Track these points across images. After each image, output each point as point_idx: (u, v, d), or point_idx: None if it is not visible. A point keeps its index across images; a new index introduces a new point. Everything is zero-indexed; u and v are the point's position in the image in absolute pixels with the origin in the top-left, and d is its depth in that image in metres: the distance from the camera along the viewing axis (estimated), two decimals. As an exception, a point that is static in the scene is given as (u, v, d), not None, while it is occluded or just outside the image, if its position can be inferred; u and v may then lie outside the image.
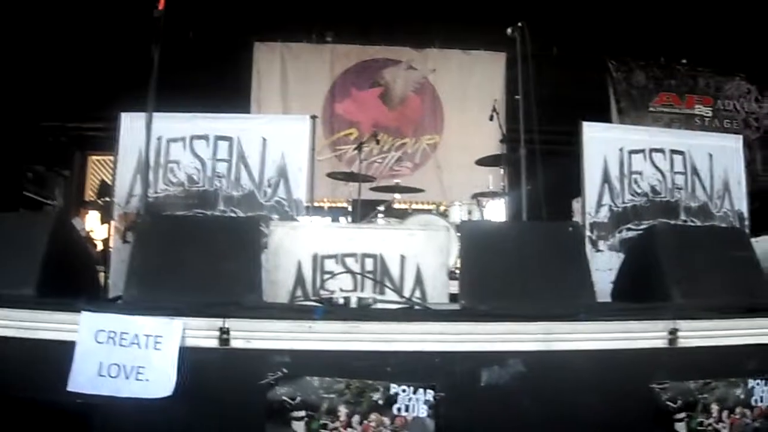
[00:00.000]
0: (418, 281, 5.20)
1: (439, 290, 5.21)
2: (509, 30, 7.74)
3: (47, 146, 13.81)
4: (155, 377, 4.12)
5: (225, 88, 12.46)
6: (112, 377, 4.14)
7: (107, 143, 8.96)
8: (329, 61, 14.13)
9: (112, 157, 7.98)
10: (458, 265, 6.11)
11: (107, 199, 9.18)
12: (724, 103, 14.63)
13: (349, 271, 5.16)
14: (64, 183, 14.25)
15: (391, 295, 5.08)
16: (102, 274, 7.44)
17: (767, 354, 4.72)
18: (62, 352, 4.12)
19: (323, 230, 5.56)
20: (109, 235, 7.86)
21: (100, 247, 10.74)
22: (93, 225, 12.58)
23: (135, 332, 4.22)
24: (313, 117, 8.18)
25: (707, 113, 14.51)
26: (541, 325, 4.46)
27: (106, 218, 9.32)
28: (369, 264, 5.22)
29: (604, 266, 7.65)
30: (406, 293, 5.14)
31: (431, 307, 4.89)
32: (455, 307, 4.86)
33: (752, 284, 5.31)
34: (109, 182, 8.51)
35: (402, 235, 5.35)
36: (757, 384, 4.63)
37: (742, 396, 4.60)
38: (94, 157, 14.91)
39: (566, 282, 5.05)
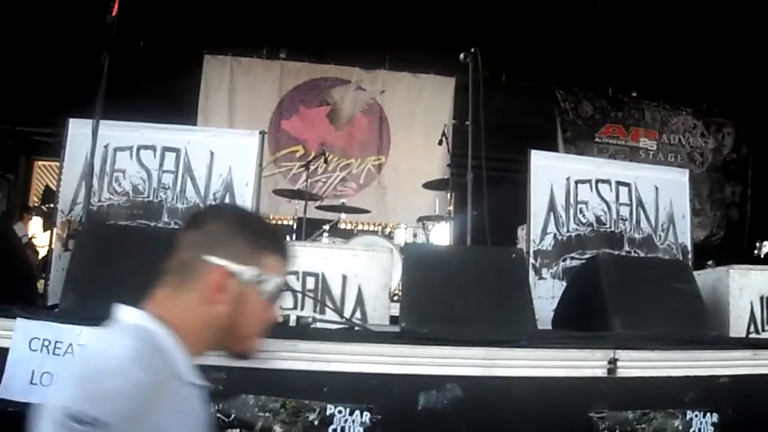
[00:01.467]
0: (359, 302, 5.16)
1: (380, 312, 5.18)
2: (462, 55, 7.75)
3: (-7, 149, 13.68)
4: (88, 388, 4.06)
5: (173, 98, 12.35)
6: (44, 386, 4.09)
7: (54, 149, 8.87)
8: (278, 77, 14.06)
9: (57, 163, 7.87)
10: (400, 288, 6.10)
11: (51, 205, 9.05)
12: (670, 137, 14.81)
13: (289, 288, 5.12)
14: (8, 187, 14.08)
15: (331, 314, 5.05)
16: (42, 282, 7.36)
17: (706, 386, 4.77)
18: (-4, 358, 4.06)
19: (265, 246, 5.50)
20: (51, 242, 7.72)
21: (41, 253, 10.62)
22: (36, 231, 12.45)
23: (70, 341, 4.17)
24: (263, 132, 8.11)
25: (652, 147, 14.68)
26: (480, 350, 4.47)
27: (49, 225, 9.19)
28: (310, 282, 5.17)
29: (547, 294, 7.67)
30: (347, 314, 5.10)
31: (371, 329, 4.87)
32: (395, 329, 4.85)
33: (693, 316, 5.37)
34: (54, 188, 8.39)
35: (345, 255, 5.31)
36: (695, 416, 4.67)
37: (680, 427, 4.63)
38: (40, 162, 14.72)
39: (508, 308, 5.07)
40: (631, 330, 5.00)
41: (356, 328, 4.91)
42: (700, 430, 4.66)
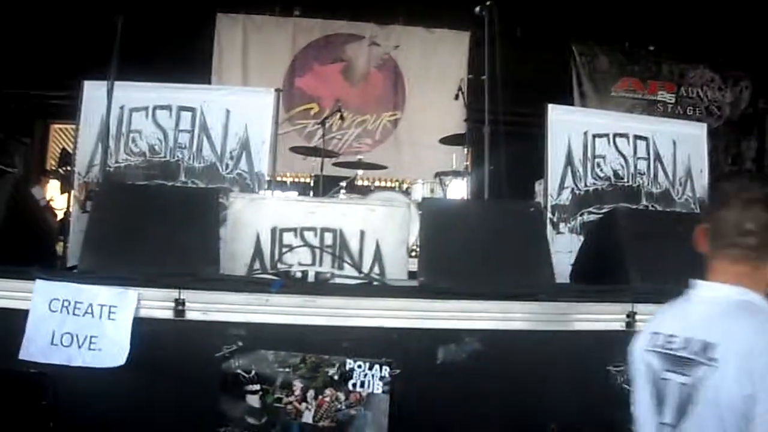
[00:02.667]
0: (377, 257, 5.17)
1: (398, 267, 5.19)
2: (477, 9, 7.67)
3: (9, 114, 13.64)
4: (108, 347, 4.09)
5: (187, 58, 12.25)
6: (64, 346, 4.11)
7: (70, 112, 8.80)
8: (292, 34, 13.89)
9: (74, 126, 7.88)
10: (418, 244, 6.07)
11: (68, 168, 9.05)
12: (688, 90, 14.63)
13: (307, 245, 5.13)
14: (25, 151, 14.09)
15: (349, 270, 5.06)
16: (61, 244, 7.38)
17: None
18: (17, 321, 4.07)
19: (283, 203, 5.50)
20: (69, 204, 7.73)
21: (60, 216, 10.65)
22: (53, 194, 12.47)
23: (89, 302, 4.18)
24: (278, 90, 8.10)
25: (670, 100, 14.50)
26: (499, 304, 4.46)
27: (66, 187, 9.18)
28: (328, 238, 5.18)
29: (565, 248, 7.65)
30: (365, 269, 5.11)
31: (390, 283, 4.87)
32: (414, 283, 4.85)
33: (711, 270, 5.32)
34: (71, 151, 8.40)
35: (362, 211, 5.32)
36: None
37: (699, 380, 4.61)
38: (57, 126, 14.73)
39: (526, 261, 5.05)
40: (650, 284, 4.97)
41: (375, 283, 4.91)
42: (718, 381, 4.66)
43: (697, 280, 2.63)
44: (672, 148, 8.35)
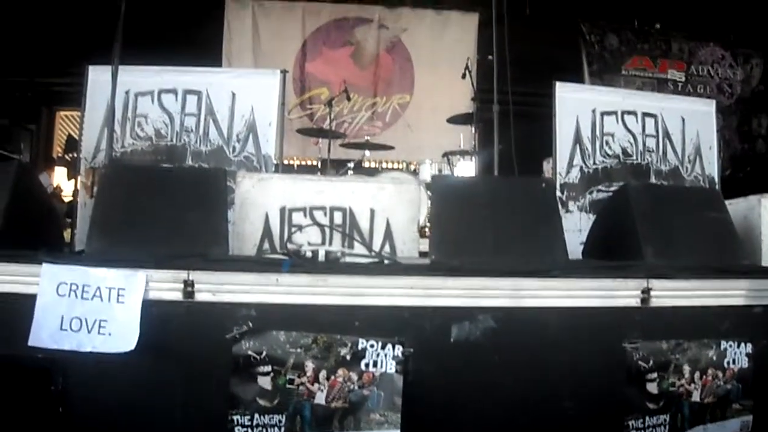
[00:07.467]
0: (388, 235, 5.12)
1: (409, 245, 5.13)
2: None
3: (14, 101, 13.64)
4: (118, 331, 4.03)
5: (196, 44, 12.24)
6: (74, 331, 4.06)
7: (75, 98, 8.80)
8: (301, 19, 13.93)
9: (80, 113, 7.86)
10: (428, 224, 6.02)
11: (74, 154, 9.04)
12: (698, 69, 14.62)
13: (317, 224, 5.08)
14: (30, 138, 14.10)
15: (360, 249, 5.01)
16: (69, 231, 7.36)
17: (740, 316, 4.71)
18: (23, 306, 4.02)
19: (291, 182, 5.43)
20: (76, 190, 7.72)
21: (67, 203, 10.64)
22: (60, 181, 12.48)
23: (97, 285, 4.12)
24: (284, 71, 8.08)
25: (680, 78, 14.49)
26: (512, 281, 4.41)
27: (73, 174, 9.19)
28: (338, 217, 5.13)
29: (574, 227, 7.66)
30: (376, 247, 5.06)
31: (401, 262, 4.82)
32: (426, 261, 4.80)
33: (725, 246, 5.29)
34: (77, 137, 8.38)
35: (372, 189, 5.25)
36: (730, 346, 4.63)
37: (715, 357, 4.59)
38: (62, 113, 14.74)
39: (538, 238, 5.02)
40: (664, 259, 4.93)
41: (386, 261, 4.86)
42: (734, 360, 4.63)
43: None
44: (681, 125, 8.36)
